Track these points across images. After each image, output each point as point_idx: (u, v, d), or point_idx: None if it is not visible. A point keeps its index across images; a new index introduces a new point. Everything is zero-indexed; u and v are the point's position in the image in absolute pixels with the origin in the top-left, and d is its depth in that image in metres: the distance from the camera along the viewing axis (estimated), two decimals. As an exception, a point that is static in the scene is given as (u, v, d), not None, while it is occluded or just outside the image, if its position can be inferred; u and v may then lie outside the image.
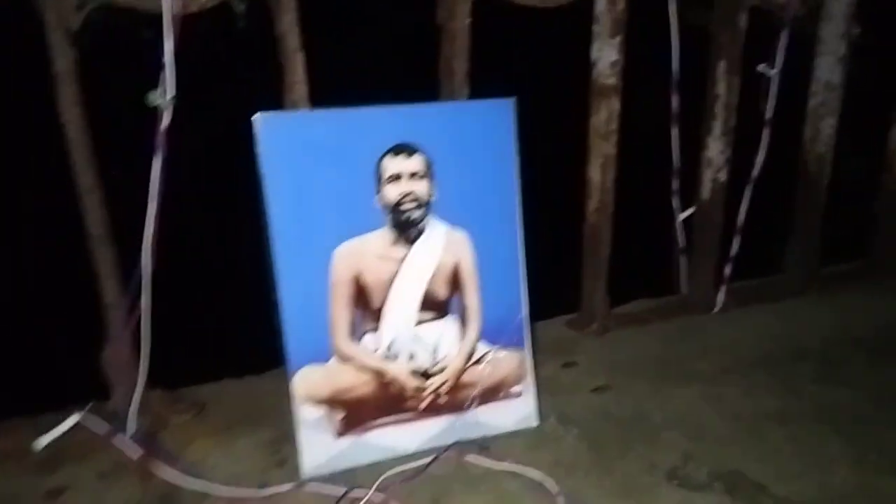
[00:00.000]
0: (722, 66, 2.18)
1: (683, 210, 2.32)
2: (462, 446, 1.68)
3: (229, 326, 1.92)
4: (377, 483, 1.54)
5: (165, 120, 1.57)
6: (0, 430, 1.72)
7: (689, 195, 2.33)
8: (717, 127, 2.24)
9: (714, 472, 1.61)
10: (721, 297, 2.40)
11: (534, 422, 1.78)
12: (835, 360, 2.09)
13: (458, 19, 1.83)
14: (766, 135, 2.28)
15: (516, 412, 1.77)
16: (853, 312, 2.41)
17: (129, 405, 1.68)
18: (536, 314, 1.84)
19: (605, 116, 2.05)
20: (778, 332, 2.29)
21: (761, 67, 2.21)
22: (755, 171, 2.31)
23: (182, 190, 1.63)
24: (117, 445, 1.66)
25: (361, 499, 1.50)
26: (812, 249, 2.51)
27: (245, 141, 1.47)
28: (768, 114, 2.26)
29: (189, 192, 1.75)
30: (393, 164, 1.59)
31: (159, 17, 1.53)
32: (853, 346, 2.17)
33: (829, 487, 1.55)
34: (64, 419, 1.68)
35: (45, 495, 1.55)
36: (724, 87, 2.20)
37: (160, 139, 1.57)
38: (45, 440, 1.64)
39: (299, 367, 1.57)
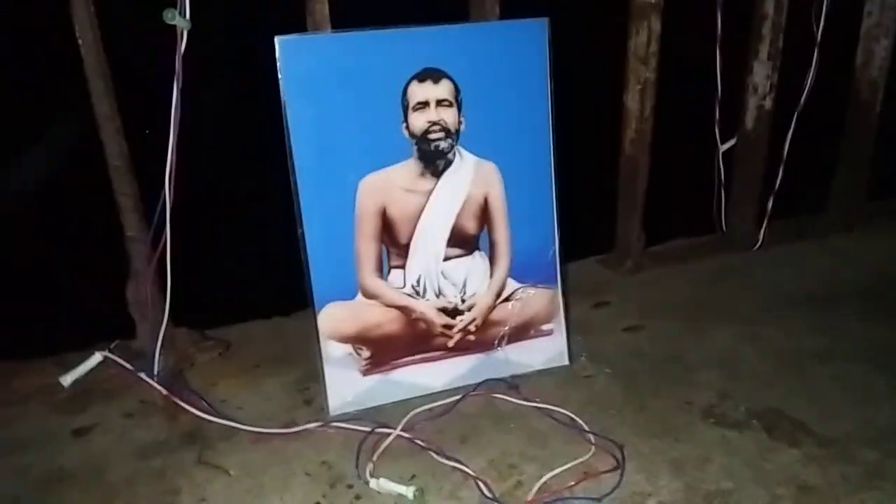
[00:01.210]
0: (771, -17, 2.03)
1: (725, 141, 2.19)
2: (491, 385, 1.64)
3: (258, 267, 1.87)
4: (404, 421, 1.52)
5: (183, 44, 1.50)
6: (27, 370, 1.72)
7: (732, 125, 2.20)
8: (764, 50, 2.10)
9: (752, 410, 1.56)
10: (763, 233, 2.30)
11: (565, 361, 1.73)
12: (880, 298, 2.01)
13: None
14: (815, 58, 2.14)
15: (547, 351, 1.72)
16: (900, 249, 2.31)
17: (155, 343, 1.66)
18: (569, 254, 1.77)
19: (644, 38, 1.93)
20: (822, 269, 2.21)
21: (814, -17, 2.06)
22: (803, 99, 2.18)
23: (205, 120, 1.57)
24: (143, 383, 1.64)
25: (388, 436, 1.47)
26: (860, 183, 2.39)
27: (266, 66, 1.40)
28: (819, 36, 2.11)
29: (212, 122, 1.69)
30: (419, 91, 1.50)
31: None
32: (901, 284, 2.09)
33: (871, 425, 1.50)
34: (90, 357, 1.66)
35: (73, 433, 1.55)
36: (772, 5, 2.05)
37: (179, 64, 1.50)
38: (70, 377, 1.63)
39: (324, 304, 1.53)
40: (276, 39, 1.40)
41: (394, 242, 1.56)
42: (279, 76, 1.41)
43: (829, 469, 1.37)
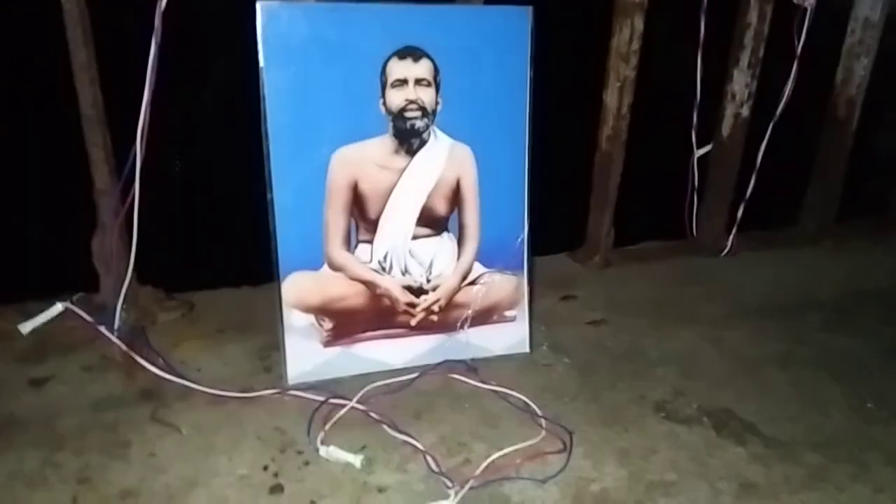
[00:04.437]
0: (756, -8, 2.06)
1: (701, 146, 2.22)
2: (450, 365, 1.66)
3: (230, 234, 1.88)
4: (360, 393, 1.53)
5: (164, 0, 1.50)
6: (-14, 315, 1.72)
7: (709, 130, 2.23)
8: (745, 58, 2.13)
9: (704, 408, 1.58)
10: (732, 240, 2.33)
11: (525, 348, 1.75)
12: (844, 311, 2.04)
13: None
14: (794, 70, 2.17)
15: (508, 337, 1.73)
16: (868, 266, 2.36)
17: (118, 298, 1.66)
18: (540, 248, 1.78)
19: (627, 36, 1.95)
20: (788, 279, 2.24)
21: (797, -2, 2.09)
22: (779, 109, 2.21)
23: (183, 78, 1.57)
24: (103, 337, 1.65)
25: (343, 407, 1.49)
26: (831, 198, 2.43)
27: (246, 30, 1.40)
28: (799, 48, 2.14)
29: (191, 81, 1.69)
30: (399, 68, 1.51)
31: None
32: (864, 299, 2.13)
33: (820, 431, 1.52)
34: (51, 307, 1.66)
35: (29, 383, 1.55)
36: (755, 15, 2.08)
37: (158, 20, 1.50)
38: (29, 325, 1.63)
39: (290, 273, 1.54)
40: (258, 4, 1.40)
41: (363, 217, 1.57)
42: (258, 41, 1.41)
43: (773, 469, 1.40)
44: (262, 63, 1.42)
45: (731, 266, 2.31)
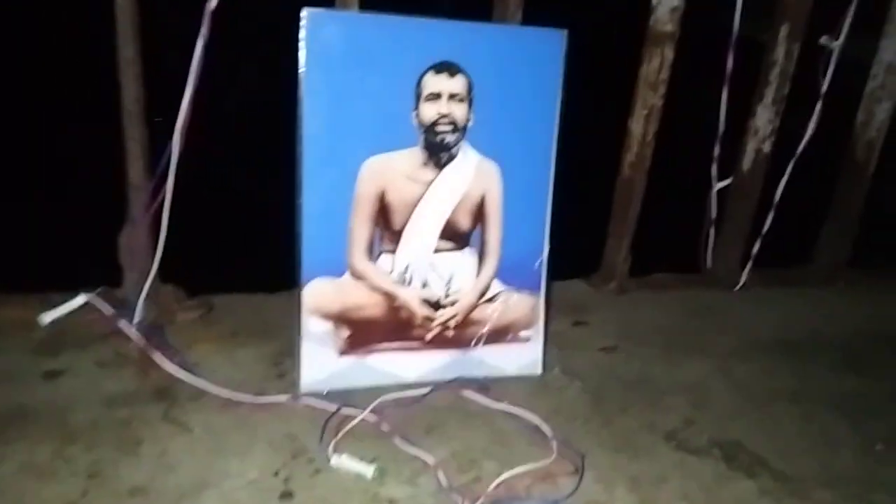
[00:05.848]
0: (784, 30, 2.08)
1: (721, 179, 2.24)
2: (463, 382, 1.65)
3: (249, 239, 1.89)
4: (373, 404, 1.52)
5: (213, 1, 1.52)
6: (8, 302, 1.72)
7: (729, 164, 2.25)
8: (769, 94, 2.15)
9: (714, 439, 1.58)
10: (746, 275, 2.34)
11: (538, 369, 1.74)
12: (856, 352, 2.04)
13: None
14: (818, 110, 2.20)
15: (521, 357, 1.73)
16: (881, 310, 2.34)
17: (140, 293, 1.67)
18: (556, 274, 1.79)
19: (656, 65, 1.97)
20: (801, 317, 2.23)
21: (824, 39, 2.12)
22: (800, 147, 2.23)
23: (222, 79, 1.60)
24: (121, 333, 1.65)
25: (354, 417, 1.48)
26: (847, 239, 2.44)
27: (290, 35, 1.43)
28: (823, 88, 2.17)
29: (229, 84, 1.72)
30: (434, 82, 1.53)
31: None
32: (878, 341, 2.12)
33: (829, 469, 1.52)
34: (72, 299, 1.67)
35: (42, 375, 1.55)
36: (782, 52, 2.10)
37: (206, 19, 1.52)
38: (49, 316, 1.63)
39: (311, 279, 1.54)
40: (304, 11, 1.42)
41: (388, 227, 1.58)
42: (301, 47, 1.43)
43: (783, 503, 1.40)
44: (302, 67, 1.44)
45: (744, 301, 2.31)
